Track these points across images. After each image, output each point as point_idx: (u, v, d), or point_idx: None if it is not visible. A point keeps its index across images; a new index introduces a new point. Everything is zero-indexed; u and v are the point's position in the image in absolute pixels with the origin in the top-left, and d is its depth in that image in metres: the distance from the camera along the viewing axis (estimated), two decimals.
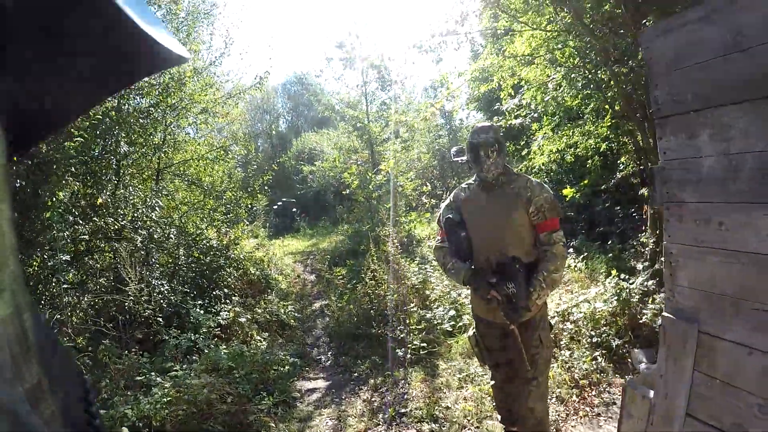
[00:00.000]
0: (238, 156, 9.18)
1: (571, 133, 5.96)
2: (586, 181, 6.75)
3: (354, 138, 12.73)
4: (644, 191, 5.21)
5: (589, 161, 6.48)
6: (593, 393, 3.69)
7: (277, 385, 4.37)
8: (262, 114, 28.83)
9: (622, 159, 6.22)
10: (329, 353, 5.59)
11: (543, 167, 6.92)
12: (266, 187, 9.94)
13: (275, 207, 15.62)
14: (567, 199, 6.64)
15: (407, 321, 5.28)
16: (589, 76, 4.88)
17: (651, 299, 4.32)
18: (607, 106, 5.13)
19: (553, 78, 5.44)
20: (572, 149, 6.24)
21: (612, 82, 4.52)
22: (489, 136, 2.52)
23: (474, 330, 2.78)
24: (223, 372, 4.23)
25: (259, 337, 5.57)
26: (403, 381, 4.33)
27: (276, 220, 15.60)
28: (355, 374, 4.82)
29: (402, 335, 5.11)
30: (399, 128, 10.82)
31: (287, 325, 6.39)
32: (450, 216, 2.64)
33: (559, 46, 5.31)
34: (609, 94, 4.90)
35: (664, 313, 1.82)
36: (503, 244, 2.47)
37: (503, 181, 2.54)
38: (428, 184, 12.05)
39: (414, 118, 9.32)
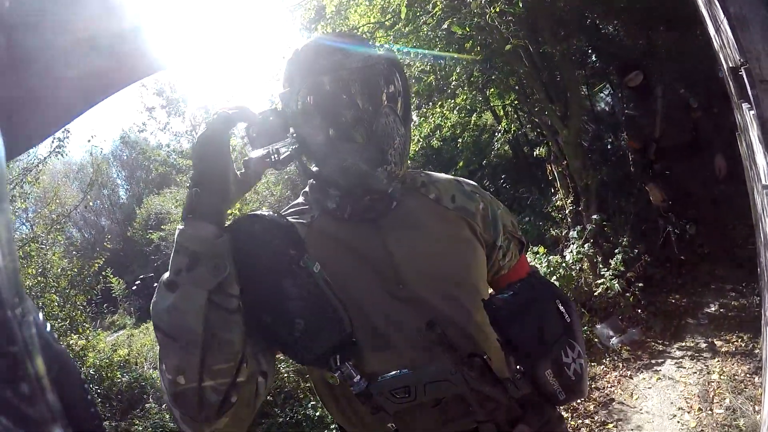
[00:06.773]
0: (60, 243, 7.12)
1: (436, 112, 5.13)
2: (461, 164, 6.23)
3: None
4: (540, 151, 4.78)
5: (460, 140, 5.98)
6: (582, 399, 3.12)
7: None
8: (99, 189, 25.01)
9: (503, 123, 5.82)
10: None
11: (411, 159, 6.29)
12: (103, 273, 7.99)
13: (134, 288, 13.31)
14: None
15: None
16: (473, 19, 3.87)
17: (598, 266, 3.85)
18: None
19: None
20: (437, 132, 5.50)
21: (498, 26, 3.53)
22: (367, 63, 0.96)
23: None
24: None
25: None
26: None
27: (140, 302, 13.28)
28: None
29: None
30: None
31: None
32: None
33: None
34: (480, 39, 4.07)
35: None
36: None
37: (411, 185, 1.10)
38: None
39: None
